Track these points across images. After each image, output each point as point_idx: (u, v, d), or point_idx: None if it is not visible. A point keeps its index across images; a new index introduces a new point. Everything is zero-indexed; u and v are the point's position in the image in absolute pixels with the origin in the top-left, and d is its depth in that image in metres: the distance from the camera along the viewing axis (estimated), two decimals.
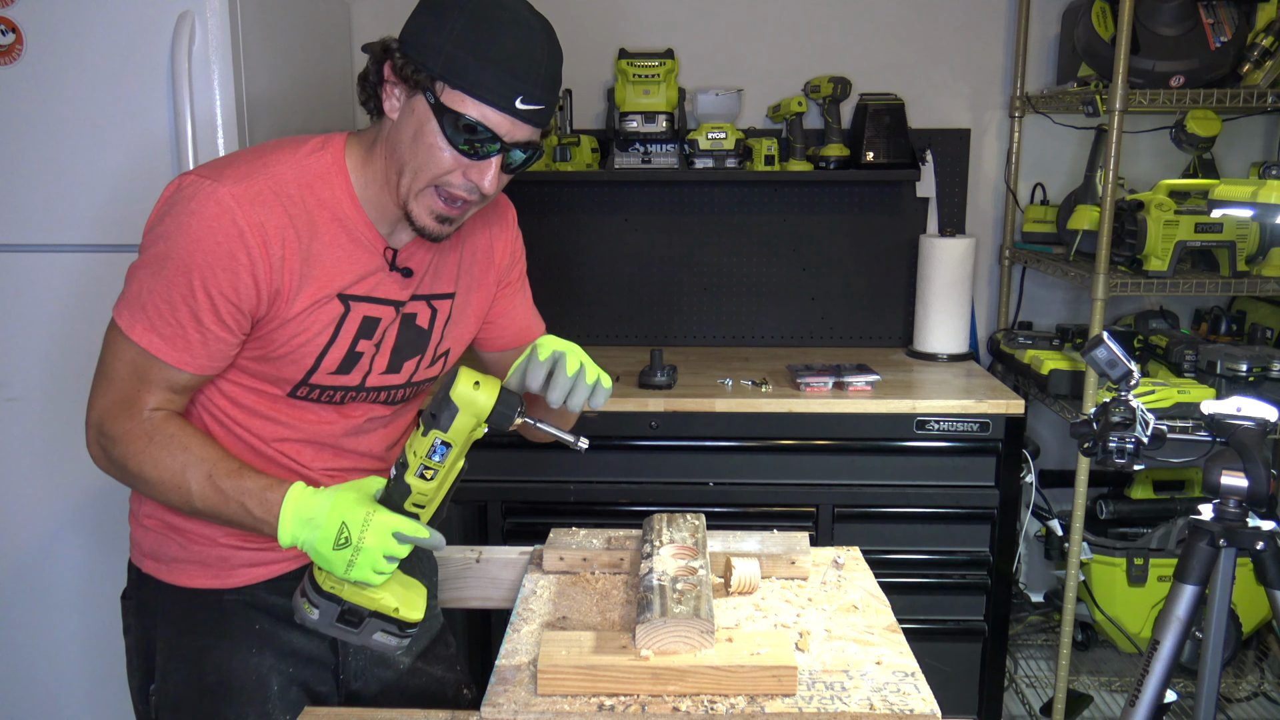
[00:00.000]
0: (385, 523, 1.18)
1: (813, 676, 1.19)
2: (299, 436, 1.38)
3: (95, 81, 2.06)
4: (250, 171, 1.25)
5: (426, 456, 1.17)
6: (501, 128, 1.22)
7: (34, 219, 2.12)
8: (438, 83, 1.21)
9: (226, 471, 1.23)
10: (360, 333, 1.35)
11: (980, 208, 3.02)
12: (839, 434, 2.46)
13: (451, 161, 1.24)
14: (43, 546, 2.27)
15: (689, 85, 2.91)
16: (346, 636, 1.23)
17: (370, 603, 1.21)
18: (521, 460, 2.48)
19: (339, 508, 1.19)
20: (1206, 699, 1.70)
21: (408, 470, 1.19)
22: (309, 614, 1.22)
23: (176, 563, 1.40)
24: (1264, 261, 2.44)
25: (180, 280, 1.22)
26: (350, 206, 1.31)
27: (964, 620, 2.53)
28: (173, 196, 1.25)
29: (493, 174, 1.25)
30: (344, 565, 1.18)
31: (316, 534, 1.18)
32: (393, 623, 1.23)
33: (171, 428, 1.26)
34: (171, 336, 1.24)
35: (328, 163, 1.30)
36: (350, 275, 1.32)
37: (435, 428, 1.17)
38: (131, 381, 1.25)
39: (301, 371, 1.33)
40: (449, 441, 1.18)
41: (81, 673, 2.32)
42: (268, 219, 1.23)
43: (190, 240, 1.21)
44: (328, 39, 2.68)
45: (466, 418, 1.17)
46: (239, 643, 1.40)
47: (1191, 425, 1.68)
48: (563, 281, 3.04)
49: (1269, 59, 2.39)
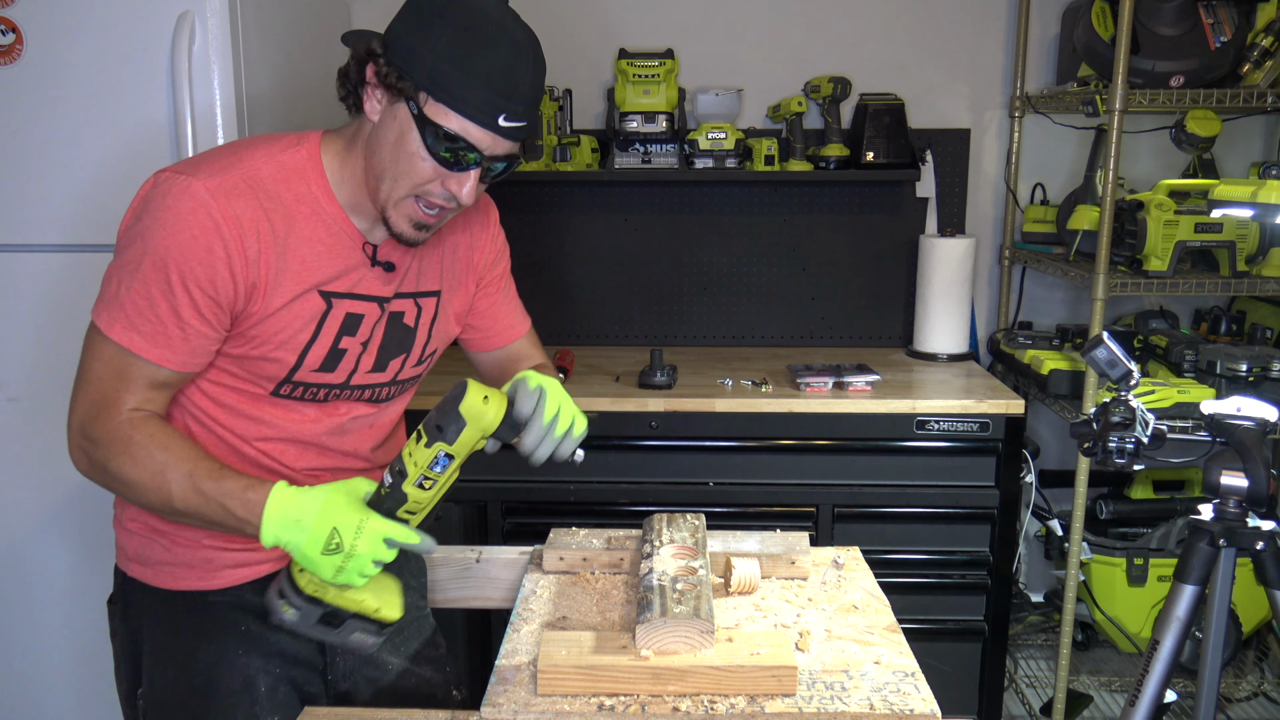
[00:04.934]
0: (378, 529, 1.17)
1: (813, 676, 1.19)
2: (282, 435, 1.37)
3: (95, 81, 2.06)
4: (225, 166, 1.25)
5: (428, 468, 1.17)
6: (483, 143, 1.23)
7: (34, 218, 2.12)
8: (421, 93, 1.21)
9: (207, 472, 1.21)
10: (343, 330, 1.34)
11: (980, 208, 3.03)
12: (839, 434, 2.46)
13: (431, 172, 1.25)
14: (30, 551, 2.26)
15: (689, 85, 2.91)
16: (325, 637, 1.22)
17: (352, 604, 1.20)
18: (521, 460, 2.47)
19: (329, 511, 1.17)
20: (1206, 699, 1.70)
21: (406, 480, 1.18)
22: (286, 614, 1.21)
23: (161, 565, 1.39)
24: (1264, 261, 2.44)
25: (158, 276, 1.21)
26: (327, 202, 1.31)
27: (964, 620, 2.53)
28: (148, 193, 1.25)
29: (470, 185, 1.26)
30: (332, 570, 1.16)
31: (304, 536, 1.16)
32: (372, 622, 1.22)
33: (151, 428, 1.24)
34: (151, 334, 1.23)
35: (303, 159, 1.30)
36: (329, 270, 1.32)
37: (441, 440, 1.16)
38: (111, 382, 1.24)
39: (284, 369, 1.32)
40: (453, 454, 1.17)
41: (70, 677, 2.31)
42: (243, 212, 1.23)
43: (166, 235, 1.21)
44: (328, 38, 2.67)
45: (473, 431, 1.17)
46: (225, 644, 1.40)
47: (1191, 425, 1.68)
48: (563, 281, 3.04)
49: (1269, 59, 2.39)
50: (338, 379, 1.37)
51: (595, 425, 2.44)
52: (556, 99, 2.83)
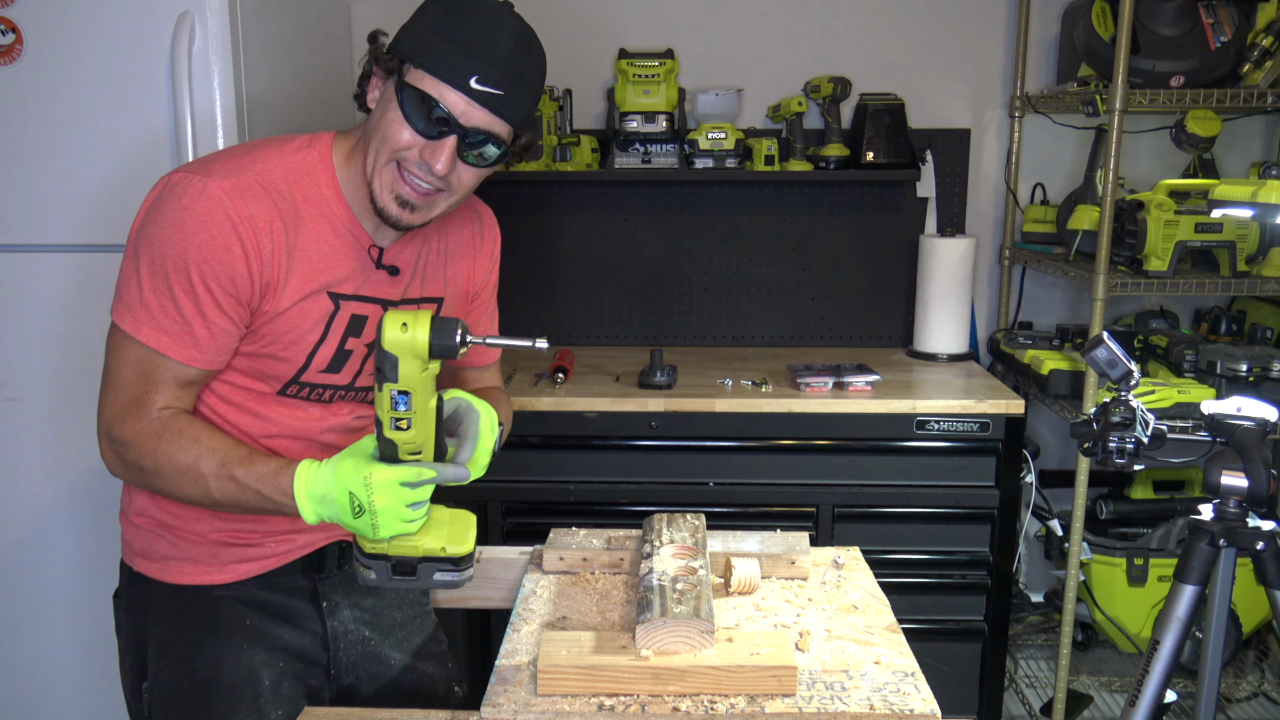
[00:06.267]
0: (385, 478, 1.17)
1: (813, 676, 1.19)
2: (286, 433, 1.39)
3: (95, 81, 2.06)
4: (239, 166, 1.27)
5: (391, 409, 1.16)
6: (457, 107, 1.23)
7: (34, 219, 2.12)
8: (405, 65, 1.24)
9: (238, 459, 1.23)
10: (349, 330, 1.36)
11: (980, 208, 3.02)
12: (839, 434, 2.46)
13: (409, 138, 1.25)
14: (36, 546, 2.26)
15: (689, 85, 2.91)
16: (409, 585, 1.23)
17: (415, 551, 1.21)
18: (521, 460, 2.48)
19: (341, 478, 1.18)
20: (1206, 699, 1.70)
21: (383, 427, 1.17)
22: (368, 576, 1.23)
23: (167, 560, 1.40)
24: (1264, 261, 2.44)
25: (180, 277, 1.23)
26: (336, 203, 1.32)
27: (964, 620, 2.53)
28: (162, 194, 1.26)
29: (446, 156, 1.25)
30: (370, 529, 1.18)
31: (334, 509, 1.19)
32: (446, 561, 1.22)
33: (180, 423, 1.26)
34: (178, 334, 1.25)
35: (314, 160, 1.32)
36: (337, 271, 1.33)
37: (386, 381, 1.15)
38: (139, 384, 1.26)
39: (293, 369, 1.34)
40: (405, 390, 1.15)
41: (75, 672, 2.32)
42: (257, 212, 1.25)
43: (185, 236, 1.22)
44: (328, 39, 2.68)
45: (410, 361, 1.14)
46: (230, 638, 1.40)
47: (1191, 425, 1.68)
48: (562, 281, 3.04)
49: (1269, 59, 2.39)
50: (343, 380, 1.39)
51: (595, 425, 2.46)
52: (556, 99, 2.83)
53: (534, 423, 2.45)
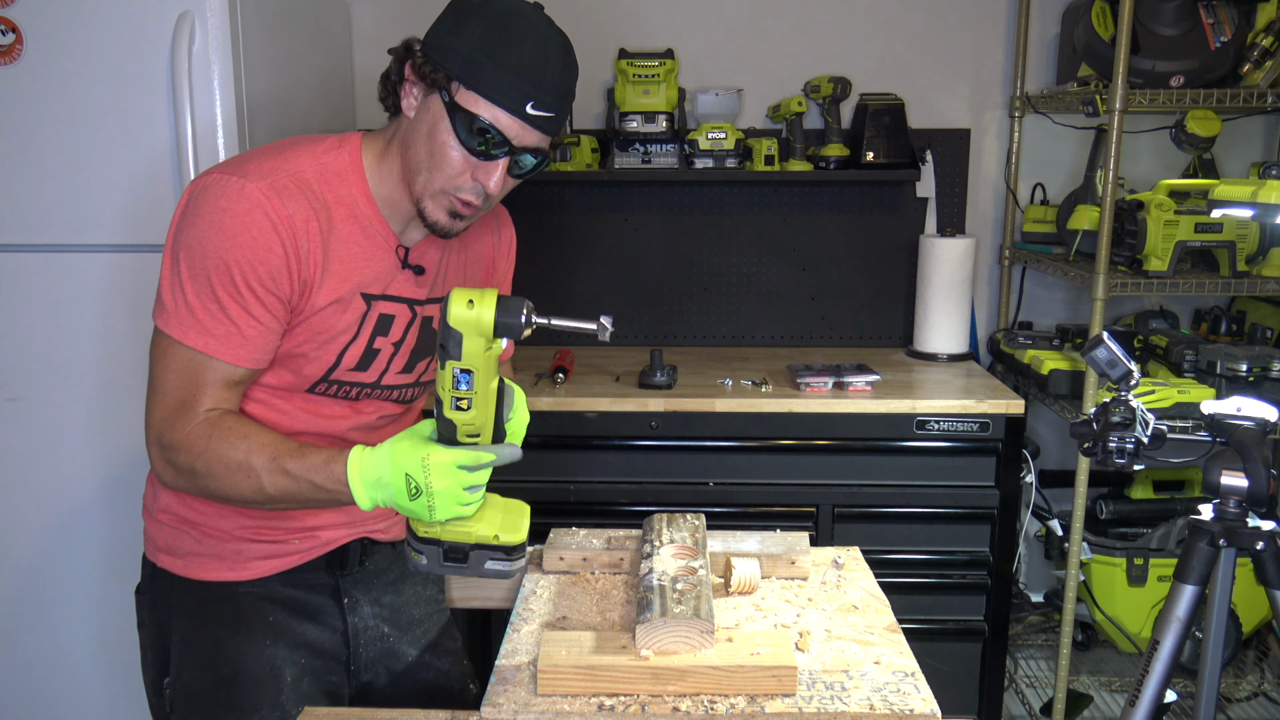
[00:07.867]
0: (443, 460, 1.16)
1: (813, 676, 1.19)
2: (313, 431, 1.40)
3: (95, 82, 2.06)
4: (274, 167, 1.27)
5: (453, 388, 1.14)
6: (511, 130, 1.25)
7: (33, 219, 2.12)
8: (454, 83, 1.24)
9: (289, 452, 1.23)
10: (377, 330, 1.37)
11: (980, 208, 3.02)
12: (839, 434, 2.46)
13: (461, 161, 1.27)
14: (51, 546, 2.27)
15: (689, 85, 2.91)
16: (459, 572, 1.23)
17: (467, 537, 1.21)
18: (521, 460, 2.47)
19: (398, 460, 1.17)
20: (1206, 699, 1.70)
21: (444, 407, 1.16)
22: (419, 561, 1.22)
23: (191, 556, 1.41)
24: (1264, 261, 2.44)
25: (222, 278, 1.24)
26: (365, 204, 1.33)
27: (964, 620, 2.53)
28: (198, 196, 1.26)
29: (499, 176, 1.29)
30: (426, 511, 1.17)
31: (390, 492, 1.18)
32: (498, 549, 1.22)
33: (227, 422, 1.26)
34: (225, 335, 1.25)
35: (345, 160, 1.33)
36: (367, 272, 1.34)
37: (449, 359, 1.14)
38: (186, 388, 1.26)
39: (324, 368, 1.35)
40: (468, 369, 1.14)
41: (93, 669, 2.32)
42: (295, 212, 1.26)
43: (227, 237, 1.23)
44: (328, 39, 2.68)
45: (474, 339, 1.13)
46: (253, 635, 1.41)
47: (1191, 425, 1.68)
48: (562, 281, 3.03)
49: (1269, 59, 2.39)
50: (369, 378, 1.40)
51: (595, 425, 2.46)
52: None
53: (534, 423, 2.40)
